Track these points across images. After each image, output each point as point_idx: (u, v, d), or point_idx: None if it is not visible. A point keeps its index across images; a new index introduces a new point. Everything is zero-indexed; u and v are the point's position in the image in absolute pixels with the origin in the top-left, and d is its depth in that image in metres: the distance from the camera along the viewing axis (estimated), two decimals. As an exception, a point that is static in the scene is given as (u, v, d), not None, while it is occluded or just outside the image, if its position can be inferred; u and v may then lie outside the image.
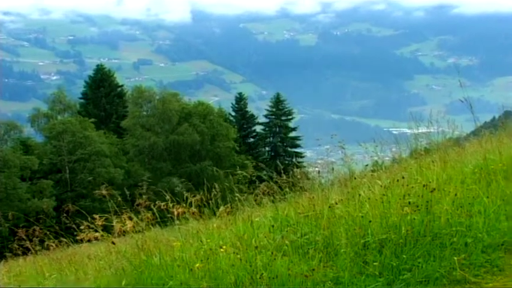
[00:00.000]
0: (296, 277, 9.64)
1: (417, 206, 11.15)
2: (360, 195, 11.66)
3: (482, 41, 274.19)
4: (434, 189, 11.70)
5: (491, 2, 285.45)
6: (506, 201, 12.26)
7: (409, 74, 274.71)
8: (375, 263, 10.01)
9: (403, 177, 12.45)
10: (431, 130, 16.76)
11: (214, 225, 11.69)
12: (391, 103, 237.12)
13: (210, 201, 11.82)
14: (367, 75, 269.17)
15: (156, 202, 11.51)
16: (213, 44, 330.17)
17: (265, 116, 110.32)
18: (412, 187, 11.86)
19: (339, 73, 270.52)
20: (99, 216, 11.03)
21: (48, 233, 12.85)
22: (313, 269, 9.76)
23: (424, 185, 11.79)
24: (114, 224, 11.11)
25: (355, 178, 12.91)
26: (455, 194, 11.91)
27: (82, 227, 11.12)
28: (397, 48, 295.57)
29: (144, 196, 11.37)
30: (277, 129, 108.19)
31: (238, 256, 10.07)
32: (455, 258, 10.23)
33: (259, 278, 9.59)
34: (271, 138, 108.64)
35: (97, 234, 11.02)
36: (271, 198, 12.63)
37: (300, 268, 9.83)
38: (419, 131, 16.98)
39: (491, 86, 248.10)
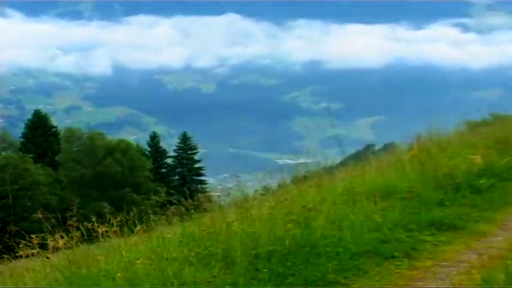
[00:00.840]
0: (201, 283, 9.61)
1: (298, 223, 11.23)
2: (251, 214, 11.70)
3: (347, 89, 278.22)
4: (311, 208, 11.81)
5: (353, 59, 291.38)
6: (368, 217, 12.43)
7: (290, 116, 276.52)
8: (264, 270, 10.03)
9: (286, 199, 12.55)
10: (309, 161, 16.91)
11: (133, 241, 11.58)
12: (277, 139, 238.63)
13: (129, 222, 11.74)
14: (257, 116, 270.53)
15: (84, 223, 11.44)
16: (131, 92, 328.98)
17: (175, 151, 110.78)
18: (294, 207, 11.95)
19: (234, 115, 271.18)
20: (36, 236, 10.93)
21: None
22: (215, 276, 9.75)
23: (303, 206, 11.91)
24: (48, 242, 11.00)
25: (247, 201, 12.96)
26: (328, 212, 12.05)
27: (21, 245, 10.98)
28: (281, 95, 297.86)
29: (74, 218, 11.27)
30: (185, 161, 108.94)
31: (153, 267, 10.02)
32: (329, 264, 10.32)
33: (170, 285, 9.57)
34: (180, 169, 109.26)
35: (34, 250, 10.89)
36: (180, 218, 12.58)
37: (204, 276, 9.80)
38: (299, 161, 17.12)
39: (355, 125, 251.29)
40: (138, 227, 11.75)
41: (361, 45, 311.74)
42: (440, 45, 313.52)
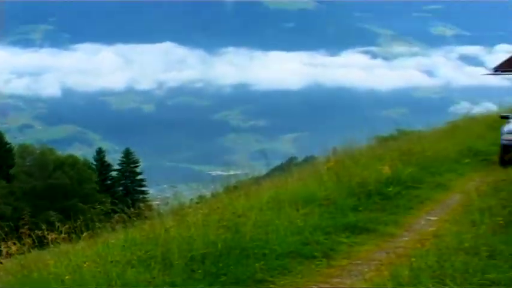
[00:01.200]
0: (142, 283, 9.52)
1: (228, 228, 11.19)
2: (187, 220, 11.63)
3: (272, 108, 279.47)
4: (241, 215, 11.79)
5: (276, 82, 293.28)
6: (291, 222, 12.45)
7: (222, 132, 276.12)
8: (199, 271, 9.97)
9: (218, 207, 12.50)
10: (238, 172, 16.91)
11: (80, 246, 11.41)
12: (210, 153, 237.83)
13: (77, 229, 11.57)
14: (192, 133, 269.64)
15: (35, 231, 11.24)
16: (79, 112, 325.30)
17: (119, 165, 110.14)
18: (225, 214, 11.91)
19: (172, 132, 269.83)
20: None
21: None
22: (154, 277, 9.66)
23: (233, 212, 11.87)
24: (2, 248, 10.80)
25: (183, 208, 12.89)
26: (256, 218, 12.01)
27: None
28: (213, 114, 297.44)
29: (26, 226, 11.07)
30: (128, 174, 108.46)
31: (98, 269, 9.88)
32: (256, 264, 10.30)
33: (115, 284, 9.46)
34: (123, 181, 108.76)
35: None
36: (123, 225, 12.44)
37: (145, 276, 9.70)
38: (230, 173, 17.11)
39: (279, 140, 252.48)
40: (85, 234, 11.58)
41: (283, 70, 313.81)
42: (352, 70, 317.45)
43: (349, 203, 14.53)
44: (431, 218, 14.27)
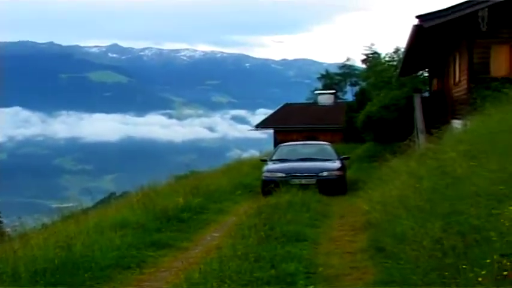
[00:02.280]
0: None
1: (63, 247, 10.73)
2: (31, 243, 11.00)
3: (96, 156, 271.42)
4: (72, 237, 11.43)
5: (100, 136, 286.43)
6: (111, 241, 12.14)
7: (59, 174, 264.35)
8: (41, 281, 9.45)
9: (55, 232, 12.05)
10: (71, 204, 16.31)
11: None
12: (51, 191, 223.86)
13: None
14: (37, 175, 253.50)
15: None
16: None
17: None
18: (60, 237, 11.46)
19: (22, 175, 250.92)
20: None
21: None
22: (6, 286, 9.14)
23: (66, 235, 11.48)
24: None
25: (28, 234, 12.22)
26: (84, 239, 11.60)
27: None
28: (52, 160, 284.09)
29: None
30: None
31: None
32: (86, 275, 9.93)
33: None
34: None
35: None
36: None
37: (-2, 288, 9.15)
38: (65, 205, 16.48)
39: (103, 180, 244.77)
40: None
41: (104, 127, 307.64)
42: (155, 127, 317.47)
43: (154, 226, 14.41)
44: (215, 235, 14.47)
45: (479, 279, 6.23)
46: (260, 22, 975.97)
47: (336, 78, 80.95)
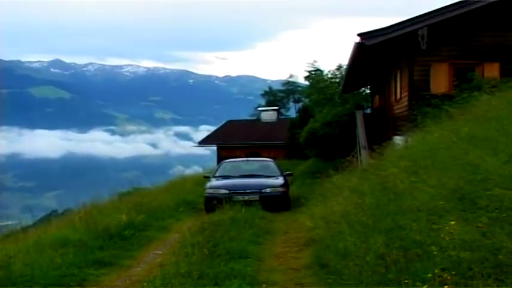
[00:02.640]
0: None
1: (2, 267, 10.42)
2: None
3: (38, 171, 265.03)
4: (12, 256, 11.10)
5: (41, 152, 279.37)
6: (52, 260, 11.77)
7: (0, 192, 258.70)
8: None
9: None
10: (11, 222, 15.80)
11: None
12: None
13: None
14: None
15: None
16: None
17: None
18: (-2, 257, 11.06)
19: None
20: None
21: None
22: None
23: (5, 254, 11.16)
24: None
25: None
26: (24, 258, 11.24)
27: None
28: None
29: None
30: None
31: None
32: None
33: None
34: None
35: None
36: None
37: None
38: (5, 223, 15.95)
39: (43, 197, 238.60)
40: None
41: (46, 143, 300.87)
42: (97, 143, 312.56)
43: (96, 244, 14.05)
44: (158, 252, 14.22)
45: (421, 293, 6.30)
46: (203, 38, 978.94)
47: (279, 94, 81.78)
